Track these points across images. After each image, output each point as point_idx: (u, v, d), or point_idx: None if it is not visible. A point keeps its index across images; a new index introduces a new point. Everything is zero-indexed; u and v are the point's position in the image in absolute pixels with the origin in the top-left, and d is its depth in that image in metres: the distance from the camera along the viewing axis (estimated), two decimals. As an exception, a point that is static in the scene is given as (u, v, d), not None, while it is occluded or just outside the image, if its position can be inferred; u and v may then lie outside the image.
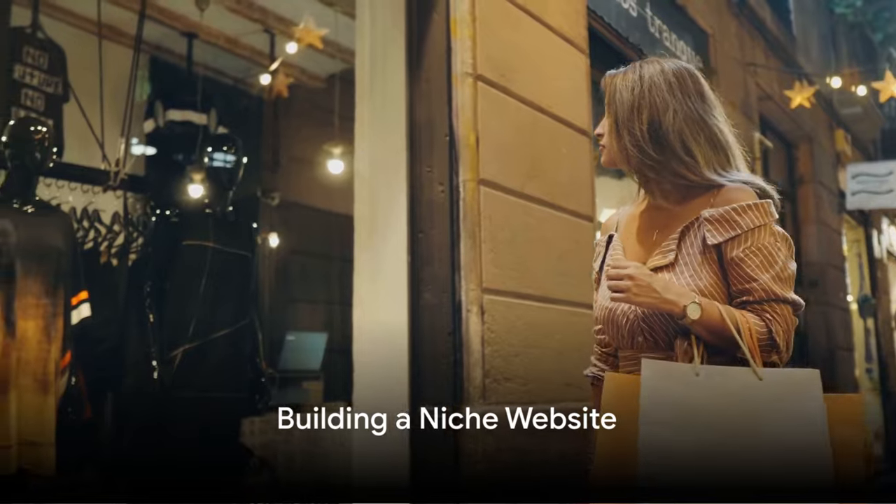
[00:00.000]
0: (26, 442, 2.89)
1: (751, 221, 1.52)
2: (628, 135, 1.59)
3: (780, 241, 1.53)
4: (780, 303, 1.50)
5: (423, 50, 3.29)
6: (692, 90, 1.60)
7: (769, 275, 1.50)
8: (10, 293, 2.91)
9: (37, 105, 5.04)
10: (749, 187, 1.57)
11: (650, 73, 1.60)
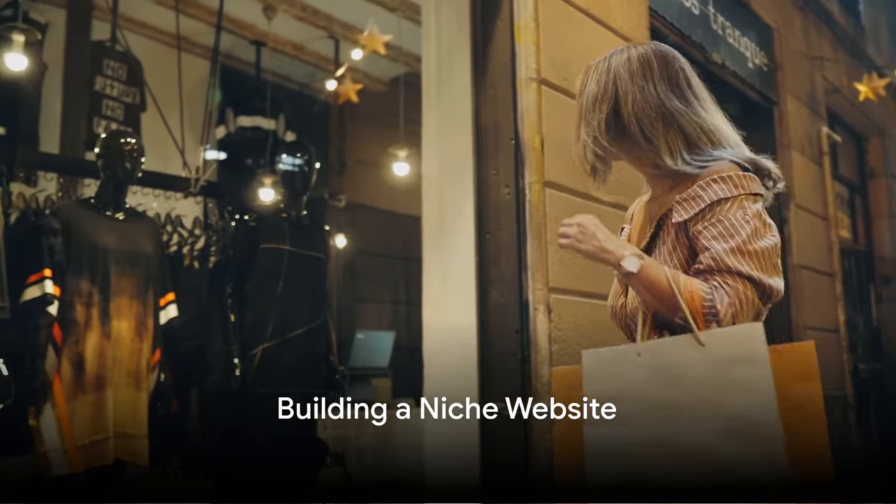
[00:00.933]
0: (122, 434, 3.06)
1: (713, 194, 1.44)
2: (586, 126, 1.59)
3: (753, 217, 1.41)
4: (732, 275, 1.38)
5: (487, 56, 3.37)
6: (657, 74, 1.54)
7: (726, 245, 1.40)
8: (105, 296, 3.09)
9: (116, 115, 5.29)
10: (729, 162, 1.48)
11: (616, 63, 1.57)
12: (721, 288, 1.37)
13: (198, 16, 5.33)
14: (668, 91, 1.52)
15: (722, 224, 1.41)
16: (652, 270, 1.42)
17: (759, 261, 1.39)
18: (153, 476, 3.39)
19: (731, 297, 1.37)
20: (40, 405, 2.91)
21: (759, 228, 1.41)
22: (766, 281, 1.39)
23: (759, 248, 1.39)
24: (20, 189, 3.63)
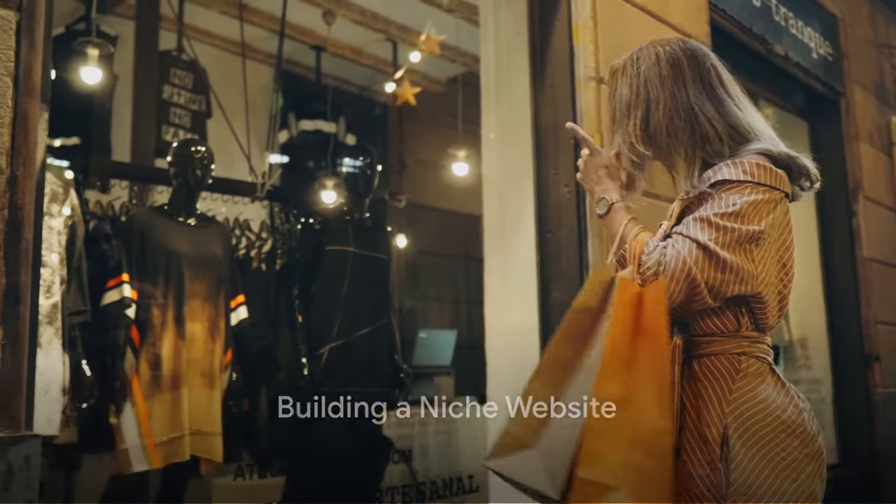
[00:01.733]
0: (197, 432, 3.18)
1: (720, 175, 1.42)
2: (622, 133, 1.56)
3: (746, 203, 1.38)
4: (686, 238, 1.37)
5: (546, 56, 3.39)
6: (689, 76, 1.51)
7: (697, 215, 1.39)
8: (179, 299, 3.21)
9: (183, 122, 5.44)
10: (755, 154, 1.44)
11: (645, 66, 1.53)
12: (671, 245, 1.38)
13: (259, 23, 5.45)
14: (699, 93, 1.50)
15: (713, 200, 1.40)
16: (616, 216, 1.49)
17: (721, 234, 1.36)
18: (227, 472, 3.50)
19: (672, 254, 1.36)
20: (121, 404, 3.04)
21: (743, 212, 1.37)
22: (721, 254, 1.35)
23: (730, 226, 1.36)
24: (96, 197, 3.80)
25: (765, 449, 1.38)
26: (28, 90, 1.73)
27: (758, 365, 1.45)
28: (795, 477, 1.38)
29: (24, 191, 1.70)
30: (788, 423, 1.40)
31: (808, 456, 1.40)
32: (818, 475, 1.41)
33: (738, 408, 1.40)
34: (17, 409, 1.65)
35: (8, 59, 1.70)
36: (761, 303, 1.45)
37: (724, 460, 1.37)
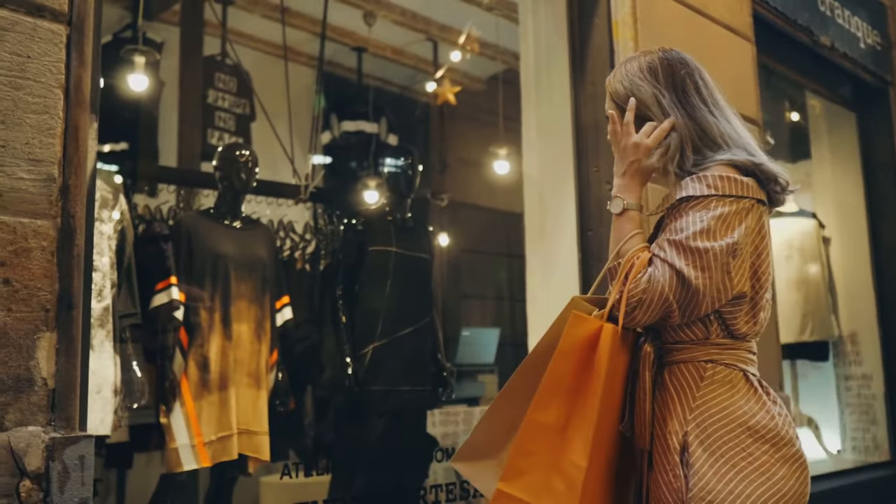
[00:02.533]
0: (245, 431, 3.23)
1: (685, 192, 1.46)
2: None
3: (712, 218, 1.41)
4: (662, 262, 1.42)
5: (586, 54, 3.38)
6: (662, 83, 1.57)
7: (670, 237, 1.43)
8: (226, 301, 3.27)
9: (228, 126, 5.52)
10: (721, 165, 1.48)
11: (632, 71, 1.60)
12: (652, 271, 1.42)
13: (301, 26, 5.51)
14: (673, 98, 1.55)
15: (681, 219, 1.44)
16: (626, 224, 1.50)
17: (693, 258, 1.40)
18: (274, 471, 3.56)
19: (654, 281, 1.41)
20: (170, 404, 3.10)
21: (711, 229, 1.41)
22: (689, 276, 1.39)
23: (700, 246, 1.40)
24: (144, 201, 3.88)
25: (728, 454, 1.40)
26: (78, 101, 1.78)
27: (726, 372, 1.47)
28: (764, 481, 1.39)
29: (75, 199, 1.75)
30: (757, 429, 1.42)
31: (779, 460, 1.42)
32: (793, 478, 1.42)
33: (701, 415, 1.44)
34: (72, 410, 1.70)
35: (59, 71, 1.76)
36: (731, 312, 1.48)
37: (685, 466, 1.41)
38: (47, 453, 1.62)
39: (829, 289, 4.95)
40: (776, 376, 3.63)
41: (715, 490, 1.38)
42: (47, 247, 1.69)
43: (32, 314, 1.66)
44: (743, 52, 3.81)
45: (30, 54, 1.72)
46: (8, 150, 1.66)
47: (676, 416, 1.45)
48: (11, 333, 1.62)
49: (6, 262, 1.63)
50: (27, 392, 1.64)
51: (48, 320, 1.68)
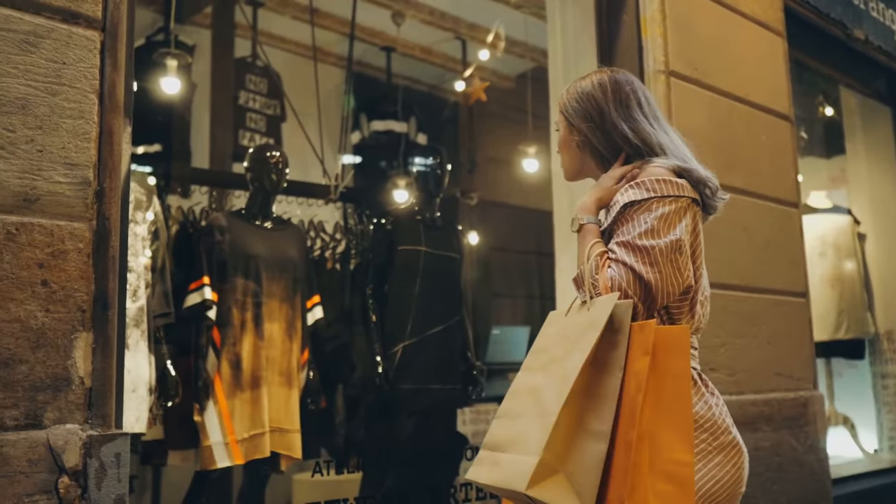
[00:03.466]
0: (277, 429, 3.27)
1: (627, 198, 1.57)
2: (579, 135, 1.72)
3: (654, 218, 1.53)
4: (616, 262, 1.51)
5: (614, 51, 3.37)
6: (610, 99, 1.70)
7: (619, 239, 1.54)
8: (258, 300, 3.31)
9: (259, 127, 5.57)
10: (656, 168, 1.60)
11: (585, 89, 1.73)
12: (608, 271, 1.52)
13: (330, 27, 5.55)
14: (618, 114, 1.69)
15: (627, 224, 1.56)
16: (586, 236, 1.62)
17: (642, 255, 1.50)
18: (306, 469, 3.59)
19: (612, 277, 1.50)
20: (204, 402, 3.15)
21: (655, 228, 1.53)
22: (643, 273, 1.49)
23: (645, 245, 1.51)
24: (177, 202, 3.93)
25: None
26: (112, 106, 1.81)
27: None
28: (702, 467, 1.51)
29: (110, 202, 1.78)
30: (696, 419, 1.53)
31: (717, 448, 1.53)
32: (729, 464, 1.54)
33: None
34: (108, 408, 1.74)
35: (93, 77, 1.80)
36: (678, 307, 1.59)
37: None
38: (85, 450, 1.66)
39: (865, 285, 4.88)
40: (810, 374, 3.59)
41: None
42: (83, 249, 1.73)
43: (69, 314, 1.70)
44: (774, 48, 3.78)
45: (65, 61, 1.76)
46: (45, 155, 1.70)
47: None
48: (49, 333, 1.66)
49: (44, 263, 1.67)
50: (65, 391, 1.67)
51: (84, 320, 1.72)
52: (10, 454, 1.57)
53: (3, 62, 1.67)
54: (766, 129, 3.62)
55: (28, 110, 1.69)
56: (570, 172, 1.79)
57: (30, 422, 1.62)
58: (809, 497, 3.39)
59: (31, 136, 1.69)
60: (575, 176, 1.79)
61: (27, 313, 1.64)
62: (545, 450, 1.42)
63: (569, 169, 1.78)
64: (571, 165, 1.77)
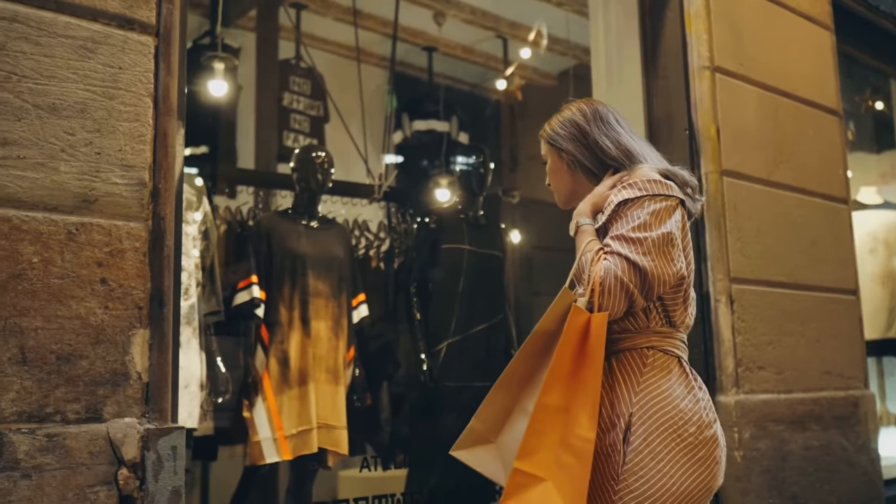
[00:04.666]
0: (324, 425, 3.31)
1: (621, 196, 1.67)
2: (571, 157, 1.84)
3: (646, 213, 1.63)
4: (612, 253, 1.61)
5: (658, 47, 3.35)
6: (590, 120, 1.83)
7: (614, 234, 1.64)
8: (304, 298, 3.36)
9: (303, 127, 5.63)
10: (646, 170, 1.72)
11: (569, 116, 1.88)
12: (605, 263, 1.62)
13: (372, 27, 5.59)
14: (600, 131, 1.82)
15: (621, 220, 1.66)
16: (583, 236, 1.72)
17: (636, 245, 1.60)
18: (353, 465, 3.63)
19: (607, 270, 1.60)
20: (253, 399, 3.20)
21: (647, 222, 1.62)
22: (638, 261, 1.59)
23: (639, 236, 1.61)
24: (224, 203, 4.01)
25: (664, 434, 1.60)
26: (167, 109, 1.87)
27: (664, 358, 1.67)
28: (689, 459, 1.59)
29: (165, 202, 1.83)
30: (686, 411, 1.62)
31: (702, 441, 1.61)
32: (711, 458, 1.62)
33: (644, 398, 1.63)
34: (164, 403, 1.79)
35: (148, 81, 1.85)
36: (672, 300, 1.69)
37: (625, 442, 1.61)
38: (142, 443, 1.71)
39: (917, 283, 4.78)
40: (860, 373, 3.53)
41: (645, 464, 1.58)
42: (140, 248, 1.79)
43: (127, 312, 1.75)
44: (822, 41, 3.72)
45: (121, 65, 1.81)
46: (103, 157, 1.76)
47: (623, 400, 1.64)
48: (108, 330, 1.72)
49: (103, 262, 1.73)
50: (123, 385, 1.73)
51: (141, 317, 1.77)
52: (72, 446, 1.63)
53: (62, 68, 1.73)
54: (814, 124, 3.58)
55: (87, 114, 1.75)
56: (564, 197, 1.89)
57: (90, 415, 1.68)
58: (860, 498, 3.34)
59: (90, 139, 1.75)
60: (569, 200, 1.88)
61: (87, 310, 1.70)
62: (474, 418, 1.67)
63: (563, 193, 1.89)
64: (565, 189, 1.87)
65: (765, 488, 2.99)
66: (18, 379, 1.60)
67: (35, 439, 1.59)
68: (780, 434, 3.08)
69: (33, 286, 1.64)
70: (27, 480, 1.57)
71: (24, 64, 1.69)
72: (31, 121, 1.68)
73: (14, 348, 1.61)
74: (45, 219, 1.67)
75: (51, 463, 1.60)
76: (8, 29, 1.68)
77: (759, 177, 3.27)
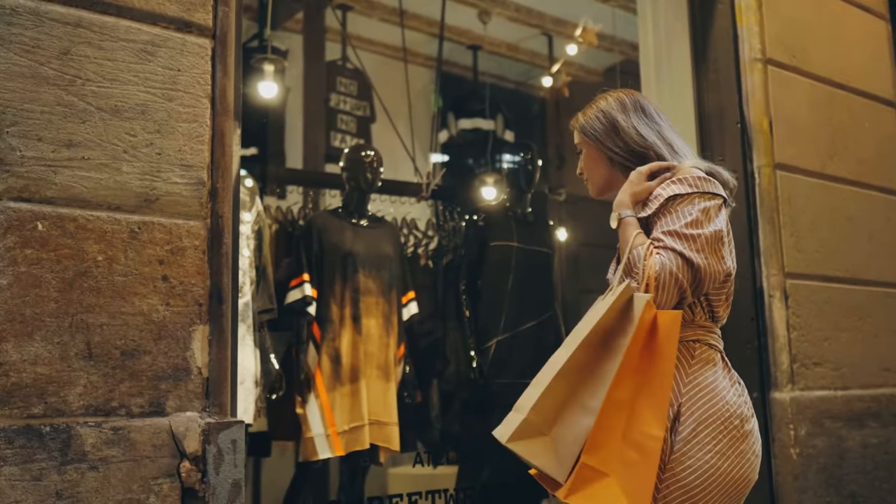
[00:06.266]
0: (376, 422, 3.34)
1: (671, 191, 1.66)
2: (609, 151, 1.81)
3: (698, 211, 1.63)
4: (665, 248, 1.61)
5: (708, 40, 3.31)
6: (631, 110, 1.80)
7: (666, 228, 1.64)
8: (355, 296, 3.40)
9: (350, 128, 5.68)
10: (689, 168, 1.71)
11: (605, 105, 1.83)
12: (660, 258, 1.62)
13: (418, 27, 5.61)
14: (641, 122, 1.80)
15: (670, 215, 1.66)
16: (627, 228, 1.71)
17: (690, 242, 1.61)
18: (404, 461, 3.66)
19: (662, 266, 1.60)
20: (305, 395, 3.25)
21: (699, 219, 1.63)
22: (693, 258, 1.60)
23: (693, 233, 1.62)
24: (275, 203, 4.07)
25: (712, 426, 1.61)
26: (224, 110, 1.91)
27: (709, 352, 1.69)
28: (734, 450, 1.61)
29: (223, 201, 1.87)
30: (731, 404, 1.64)
31: (744, 434, 1.63)
32: (751, 452, 1.64)
33: (692, 389, 1.64)
34: (224, 397, 1.83)
35: (205, 82, 1.89)
36: (716, 295, 1.70)
37: (672, 432, 1.62)
38: (203, 437, 1.75)
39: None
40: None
41: (692, 454, 1.59)
42: (199, 246, 1.83)
43: (188, 308, 1.79)
44: (877, 31, 3.64)
45: (180, 68, 1.85)
46: (163, 157, 1.80)
47: (673, 392, 1.63)
48: (170, 326, 1.76)
49: (164, 260, 1.77)
50: (185, 380, 1.77)
51: (201, 314, 1.81)
52: (136, 439, 1.67)
53: (124, 71, 1.78)
54: (870, 115, 3.50)
55: (147, 115, 1.79)
56: (599, 188, 1.87)
57: (153, 409, 1.72)
58: (921, 497, 3.26)
59: (151, 139, 1.79)
60: (603, 192, 1.87)
61: (150, 307, 1.74)
62: (531, 410, 1.59)
63: (599, 185, 1.87)
64: (601, 181, 1.85)
65: (822, 486, 2.94)
66: (85, 374, 1.65)
67: (101, 432, 1.64)
68: (837, 431, 3.03)
69: (98, 284, 1.69)
70: (94, 472, 1.62)
71: (88, 68, 1.74)
72: (94, 123, 1.73)
73: (81, 344, 1.66)
74: (108, 218, 1.72)
75: (116, 455, 1.65)
76: (72, 34, 1.73)
77: (814, 170, 3.21)
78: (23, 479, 1.54)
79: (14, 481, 1.53)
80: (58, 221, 1.66)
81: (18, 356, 1.59)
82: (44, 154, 1.67)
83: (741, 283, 3.09)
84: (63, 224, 1.67)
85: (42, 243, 1.64)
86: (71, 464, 1.60)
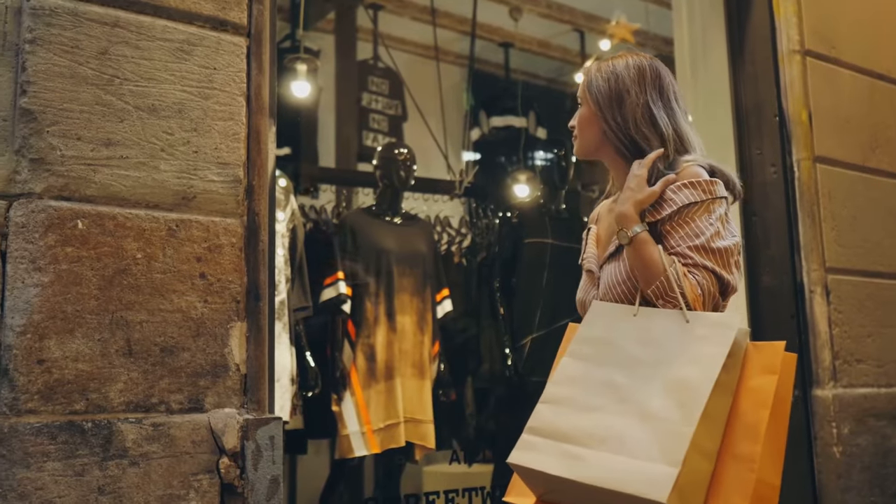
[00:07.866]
0: (411, 419, 3.35)
1: (685, 198, 1.56)
2: (605, 123, 1.67)
3: (717, 220, 1.55)
4: (699, 267, 1.52)
5: (745, 32, 3.26)
6: (649, 83, 1.65)
7: (692, 244, 1.54)
8: (390, 294, 3.40)
9: (381, 127, 5.69)
10: (697, 167, 1.60)
11: (621, 67, 1.66)
12: (697, 278, 1.53)
13: (449, 25, 5.61)
14: (657, 100, 1.66)
15: (689, 226, 1.56)
16: (644, 247, 1.56)
17: (720, 258, 1.53)
18: (439, 459, 3.66)
19: (700, 283, 1.52)
20: (341, 393, 3.26)
21: (721, 230, 1.56)
22: (724, 275, 1.54)
23: (720, 247, 1.54)
24: (309, 201, 4.08)
25: None
26: (259, 108, 1.91)
27: None
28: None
29: (259, 198, 1.88)
30: None
31: None
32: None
33: None
34: (262, 394, 1.84)
35: (241, 80, 1.90)
36: (724, 305, 1.62)
37: None
38: (242, 433, 1.75)
39: None
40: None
41: None
42: (236, 243, 1.83)
43: (225, 305, 1.80)
44: (919, 20, 3.56)
45: (216, 66, 1.86)
46: (200, 155, 1.81)
47: None
48: (208, 323, 1.77)
49: (202, 257, 1.78)
50: (223, 377, 1.78)
51: (239, 311, 1.82)
52: (176, 435, 1.69)
53: (161, 70, 1.79)
54: (913, 106, 3.43)
55: (184, 114, 1.81)
56: (584, 151, 1.74)
57: (192, 406, 1.73)
58: (969, 496, 3.19)
59: (187, 138, 1.80)
60: (587, 156, 1.75)
61: (188, 304, 1.75)
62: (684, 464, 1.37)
63: (585, 148, 1.73)
64: (590, 146, 1.72)
65: (866, 485, 2.88)
66: (125, 370, 1.67)
67: (142, 428, 1.65)
68: (881, 429, 2.97)
69: (137, 281, 1.70)
70: (135, 468, 1.63)
71: (126, 67, 1.75)
72: (132, 122, 1.75)
73: (121, 341, 1.67)
74: (147, 216, 1.74)
75: (156, 451, 1.66)
76: (110, 34, 1.74)
77: (855, 163, 3.15)
78: (65, 474, 1.56)
79: (57, 476, 1.55)
80: (97, 220, 1.68)
81: (60, 353, 1.60)
82: (83, 153, 1.68)
83: (781, 279, 3.05)
84: (103, 222, 1.68)
85: (82, 241, 1.66)
86: (112, 459, 1.61)
